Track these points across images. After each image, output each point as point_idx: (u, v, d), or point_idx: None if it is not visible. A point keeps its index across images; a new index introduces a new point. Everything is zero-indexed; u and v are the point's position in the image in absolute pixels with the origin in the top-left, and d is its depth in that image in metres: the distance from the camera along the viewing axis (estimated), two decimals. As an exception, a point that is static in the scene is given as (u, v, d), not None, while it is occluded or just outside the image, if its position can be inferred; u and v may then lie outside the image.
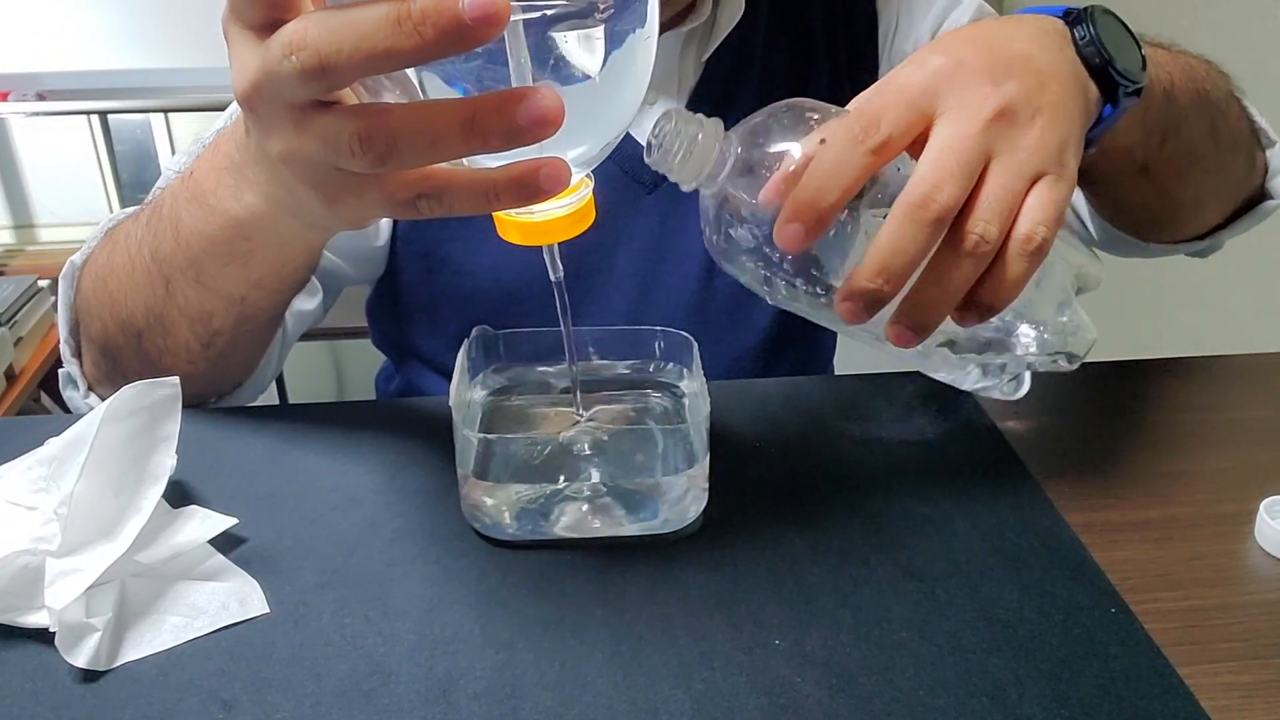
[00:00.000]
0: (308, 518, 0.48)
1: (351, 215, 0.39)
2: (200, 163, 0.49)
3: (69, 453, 0.43)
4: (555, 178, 0.33)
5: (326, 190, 0.37)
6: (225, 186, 0.46)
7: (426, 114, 0.32)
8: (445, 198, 0.35)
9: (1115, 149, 0.52)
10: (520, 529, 0.45)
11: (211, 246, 0.48)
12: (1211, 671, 0.39)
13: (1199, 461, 0.53)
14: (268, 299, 0.53)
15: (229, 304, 0.52)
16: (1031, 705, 0.37)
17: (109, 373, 0.59)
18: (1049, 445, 0.54)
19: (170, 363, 0.55)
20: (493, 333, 0.53)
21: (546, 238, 0.39)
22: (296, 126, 0.35)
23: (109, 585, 0.41)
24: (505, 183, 0.33)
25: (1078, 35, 0.44)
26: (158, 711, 0.37)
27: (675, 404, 0.51)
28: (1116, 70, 0.44)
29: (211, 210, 0.47)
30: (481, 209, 0.35)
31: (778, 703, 0.37)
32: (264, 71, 0.33)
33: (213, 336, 0.54)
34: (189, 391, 0.59)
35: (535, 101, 0.30)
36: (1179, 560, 0.45)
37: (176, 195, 0.50)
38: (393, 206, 0.36)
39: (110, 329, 0.56)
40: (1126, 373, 0.63)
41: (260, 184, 0.44)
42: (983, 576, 0.44)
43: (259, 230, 0.46)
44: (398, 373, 0.86)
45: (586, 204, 0.39)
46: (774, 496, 0.50)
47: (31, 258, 1.92)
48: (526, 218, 0.39)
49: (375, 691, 0.38)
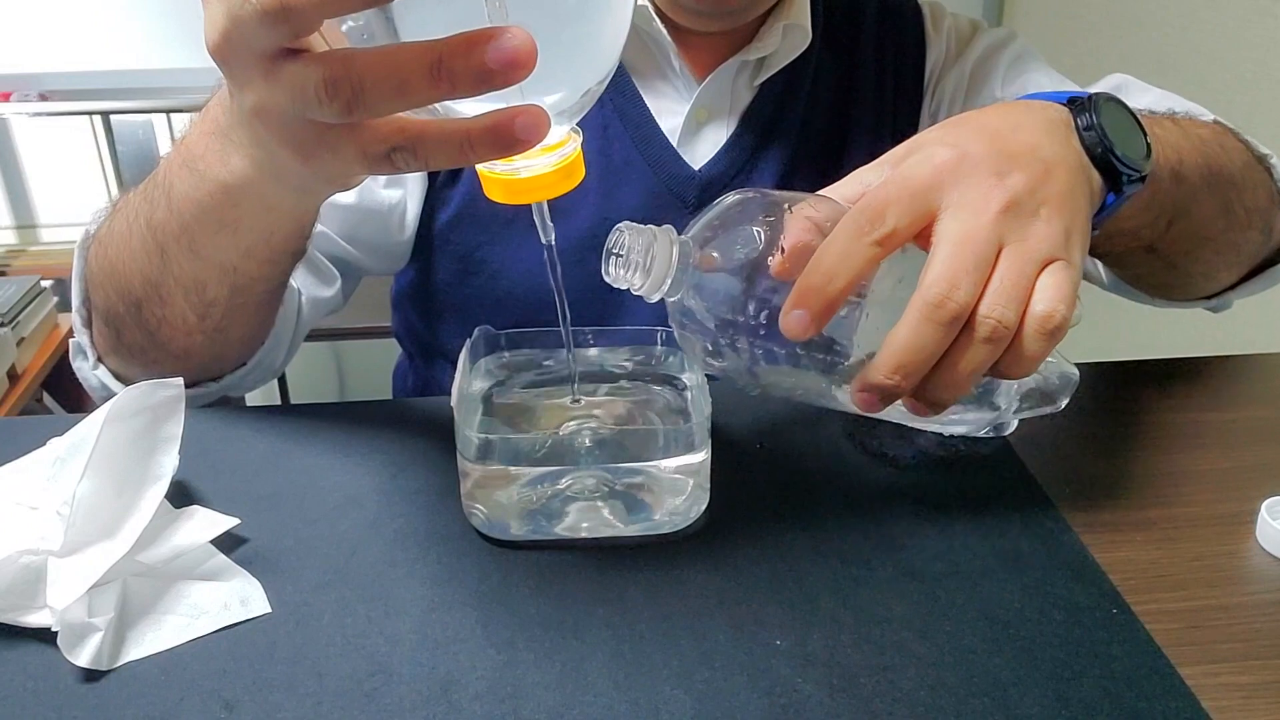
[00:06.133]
0: (309, 518, 0.48)
1: (330, 172, 0.38)
2: (192, 129, 0.48)
3: (72, 453, 0.43)
4: (533, 126, 0.32)
5: (301, 146, 0.37)
6: (213, 152, 0.45)
7: (392, 57, 0.31)
8: (420, 149, 0.34)
9: (1120, 232, 0.52)
10: (522, 529, 0.45)
11: (201, 214, 0.48)
12: (1212, 672, 0.39)
13: (1200, 462, 0.53)
14: (260, 269, 0.52)
15: (221, 273, 0.51)
16: (1032, 705, 0.37)
17: (114, 343, 0.58)
18: (1050, 446, 0.54)
19: (168, 334, 0.55)
20: (494, 332, 0.53)
21: (531, 195, 0.37)
22: (266, 77, 0.35)
23: (111, 585, 0.41)
24: (480, 132, 0.32)
25: (1080, 124, 0.45)
26: (159, 711, 0.37)
27: (678, 398, 0.51)
28: (1118, 158, 0.44)
29: (201, 176, 0.46)
30: (457, 161, 0.34)
31: (779, 703, 0.37)
32: (230, 18, 0.33)
33: (208, 307, 0.53)
34: (193, 368, 0.58)
35: (505, 41, 0.29)
36: (1180, 561, 0.45)
37: (170, 163, 0.49)
38: (367, 161, 0.35)
39: (112, 298, 0.56)
40: (1126, 373, 0.63)
41: (244, 146, 0.43)
42: (983, 577, 0.44)
43: (245, 196, 0.45)
44: (411, 367, 0.86)
45: (574, 160, 0.37)
46: (774, 496, 0.50)
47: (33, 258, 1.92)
48: (511, 175, 0.37)
49: (377, 691, 0.38)
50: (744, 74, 0.72)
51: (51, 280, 1.68)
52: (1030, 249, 0.40)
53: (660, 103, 0.72)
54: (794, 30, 0.70)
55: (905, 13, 0.77)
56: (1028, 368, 0.40)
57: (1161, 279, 0.64)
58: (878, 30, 0.75)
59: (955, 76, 0.75)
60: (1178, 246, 0.57)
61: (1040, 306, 0.40)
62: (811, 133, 0.73)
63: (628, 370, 0.53)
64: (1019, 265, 0.40)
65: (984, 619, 0.41)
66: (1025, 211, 0.40)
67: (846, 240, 0.40)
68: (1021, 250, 0.40)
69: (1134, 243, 0.55)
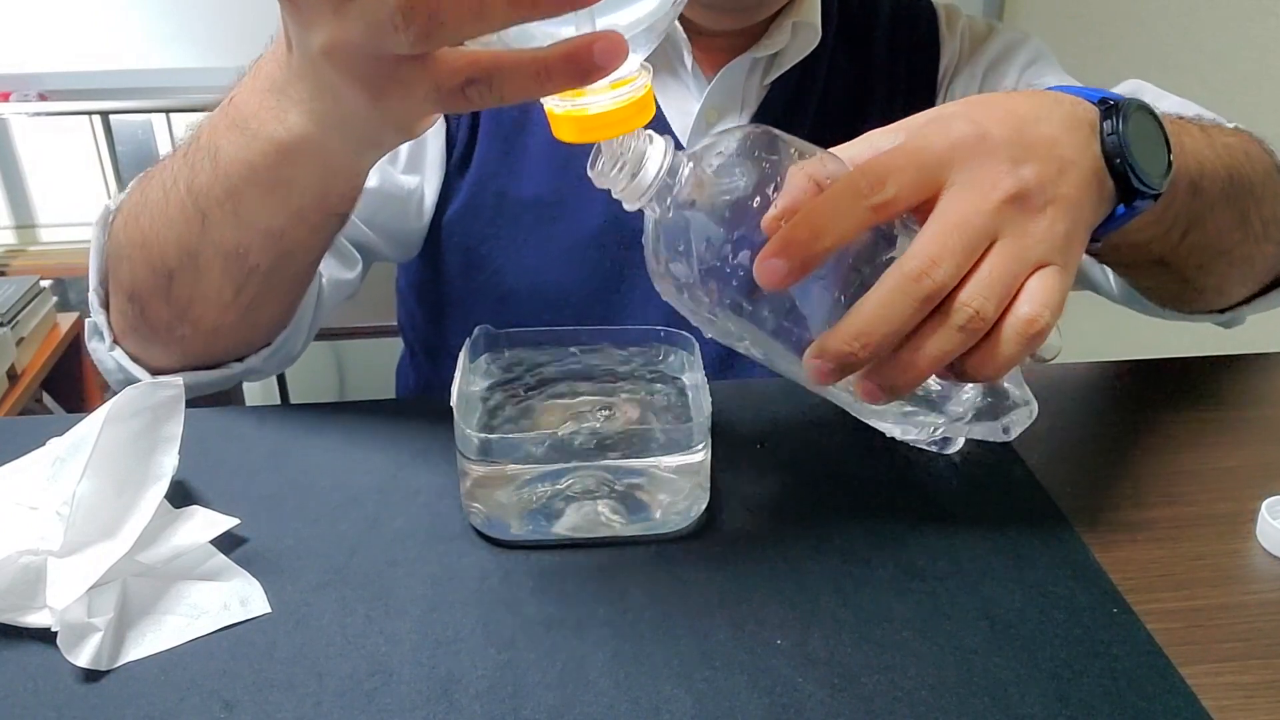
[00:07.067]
0: (309, 517, 0.48)
1: (400, 113, 0.37)
2: (240, 89, 0.47)
3: (72, 453, 0.43)
4: (611, 52, 0.31)
5: (372, 83, 0.36)
6: (268, 109, 0.44)
7: None
8: (495, 81, 0.33)
9: (1130, 244, 0.51)
10: (522, 529, 0.45)
11: (252, 175, 0.46)
12: (1214, 671, 0.39)
13: (1200, 461, 0.53)
14: (306, 235, 0.51)
15: (266, 239, 0.50)
16: (1033, 705, 0.37)
17: (135, 322, 0.56)
18: (1051, 445, 0.54)
19: (200, 310, 0.53)
20: (494, 331, 0.53)
21: (603, 132, 0.37)
22: (336, 13, 0.34)
23: (111, 585, 0.41)
24: (558, 60, 0.32)
25: (1105, 129, 0.43)
26: (159, 711, 0.37)
27: (678, 398, 0.51)
28: (1135, 173, 0.43)
29: (253, 136, 0.45)
30: (534, 92, 0.33)
31: (779, 702, 0.37)
32: None
33: (247, 276, 0.52)
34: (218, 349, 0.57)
35: None
36: (1181, 560, 0.45)
37: (215, 125, 0.48)
38: (441, 96, 0.34)
39: (140, 271, 0.54)
40: (1127, 373, 0.63)
41: (304, 101, 0.42)
42: (984, 576, 0.44)
43: (302, 153, 0.44)
44: (413, 364, 0.86)
45: (646, 94, 0.36)
46: (774, 496, 0.49)
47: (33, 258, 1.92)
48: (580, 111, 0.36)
49: (377, 691, 0.38)
50: (755, 73, 0.72)
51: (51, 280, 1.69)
52: (1026, 247, 0.39)
53: (671, 101, 0.72)
54: (804, 28, 0.70)
55: (919, 13, 0.76)
56: (997, 368, 0.39)
57: (1173, 291, 0.63)
58: (891, 30, 0.75)
59: (967, 78, 0.75)
60: (1190, 260, 0.56)
61: (1025, 308, 0.38)
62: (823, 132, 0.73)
63: (628, 370, 0.53)
64: (1010, 261, 0.38)
65: (985, 618, 0.41)
66: (1031, 206, 0.39)
67: (842, 199, 0.38)
68: (1017, 246, 0.39)
69: (1144, 255, 0.54)
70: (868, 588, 0.43)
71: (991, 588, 0.43)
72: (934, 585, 0.43)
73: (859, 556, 0.45)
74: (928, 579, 0.44)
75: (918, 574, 0.44)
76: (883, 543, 0.46)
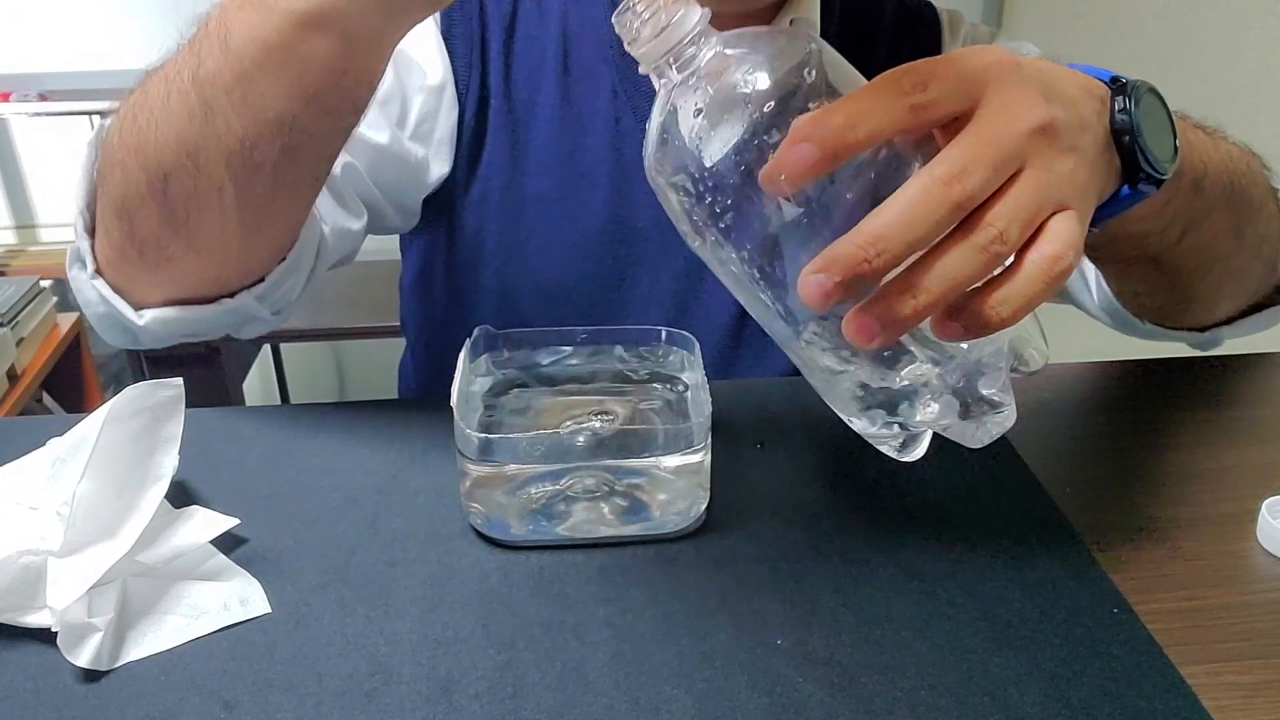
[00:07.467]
0: (309, 518, 0.48)
1: None
2: None
3: (72, 453, 0.43)
4: None
5: None
6: None
7: None
8: None
9: (1128, 235, 0.50)
10: (522, 529, 0.45)
11: (266, 54, 0.45)
12: (1214, 671, 0.39)
13: (1200, 461, 0.53)
14: (319, 123, 0.48)
15: (277, 129, 0.47)
16: (1033, 705, 0.37)
17: (122, 243, 0.53)
18: (1050, 444, 0.54)
19: (198, 218, 0.51)
20: (494, 331, 0.53)
21: None
22: None
23: (111, 585, 0.41)
24: None
25: (1116, 105, 0.42)
26: (159, 711, 0.37)
27: (678, 398, 0.51)
28: (1143, 153, 0.41)
29: (270, 10, 0.44)
30: None
31: (779, 702, 0.37)
32: None
33: (251, 175, 0.49)
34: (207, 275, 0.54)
35: None
36: (1181, 560, 0.45)
37: (225, 8, 0.46)
38: None
39: (133, 175, 0.50)
40: (1126, 373, 0.63)
41: None
42: (984, 576, 0.44)
43: (322, 25, 0.43)
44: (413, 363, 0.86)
45: None
46: (774, 496, 0.50)
47: (33, 258, 1.92)
48: None
49: (377, 691, 0.38)
50: None
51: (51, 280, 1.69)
52: (1052, 183, 0.37)
53: None
54: (802, 25, 0.70)
55: (922, 17, 0.76)
56: (1014, 309, 0.36)
57: (1160, 300, 0.62)
58: (893, 34, 0.75)
59: None
60: (1184, 262, 0.56)
61: (1050, 247, 0.36)
62: None
63: (629, 370, 0.53)
64: (1037, 191, 0.36)
65: (984, 618, 0.41)
66: (1060, 144, 0.37)
67: (882, 93, 0.36)
68: (1045, 178, 0.37)
69: (1140, 250, 0.54)
70: (868, 588, 0.43)
71: (991, 588, 0.43)
72: (933, 585, 0.43)
73: (858, 556, 0.45)
74: (927, 579, 0.44)
75: (917, 574, 0.44)
76: (882, 543, 0.46)
